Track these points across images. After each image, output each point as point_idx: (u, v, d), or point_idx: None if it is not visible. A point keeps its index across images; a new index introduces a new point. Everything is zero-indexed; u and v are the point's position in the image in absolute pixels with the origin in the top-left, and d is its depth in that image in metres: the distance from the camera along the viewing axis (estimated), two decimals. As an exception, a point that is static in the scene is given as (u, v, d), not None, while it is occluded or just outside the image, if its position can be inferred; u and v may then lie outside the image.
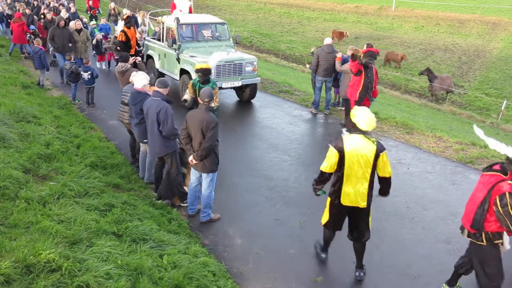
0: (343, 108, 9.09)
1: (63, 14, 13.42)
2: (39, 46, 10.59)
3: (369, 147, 3.98)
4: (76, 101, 10.03)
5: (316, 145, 8.20)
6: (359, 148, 3.99)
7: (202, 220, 5.41)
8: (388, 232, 5.26)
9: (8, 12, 15.65)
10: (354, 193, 4.10)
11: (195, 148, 5.10)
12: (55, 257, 3.32)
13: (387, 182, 4.15)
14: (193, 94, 6.99)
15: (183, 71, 9.65)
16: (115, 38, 11.93)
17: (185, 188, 5.81)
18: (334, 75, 9.43)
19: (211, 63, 8.88)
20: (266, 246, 4.95)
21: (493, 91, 17.18)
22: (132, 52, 10.33)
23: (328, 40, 9.39)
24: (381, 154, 3.99)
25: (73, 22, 11.69)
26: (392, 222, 5.48)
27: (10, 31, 13.92)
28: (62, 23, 11.10)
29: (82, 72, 9.66)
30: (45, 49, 12.13)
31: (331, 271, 4.59)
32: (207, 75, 6.80)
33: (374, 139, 4.05)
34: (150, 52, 11.25)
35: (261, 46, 23.97)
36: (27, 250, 3.33)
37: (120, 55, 8.18)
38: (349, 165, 4.03)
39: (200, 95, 5.06)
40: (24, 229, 3.84)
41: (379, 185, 4.20)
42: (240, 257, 4.77)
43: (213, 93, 6.62)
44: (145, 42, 11.49)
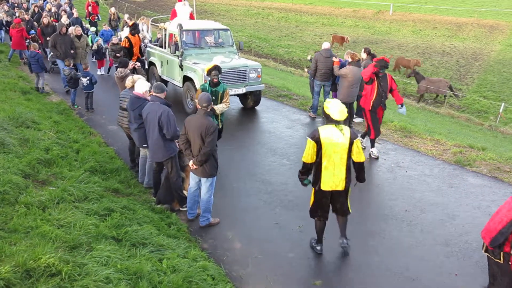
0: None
1: (64, 20, 13.42)
2: (36, 50, 10.57)
3: (343, 136, 4.38)
4: (76, 107, 10.05)
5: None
6: (334, 137, 4.37)
7: (202, 225, 5.42)
8: (387, 235, 5.28)
9: (7, 19, 15.67)
10: (333, 179, 4.47)
11: (195, 153, 5.12)
12: (55, 262, 3.33)
13: (362, 167, 4.57)
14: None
15: (186, 78, 9.51)
16: (113, 45, 12.00)
17: (184, 193, 5.83)
18: (333, 79, 9.49)
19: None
20: (265, 250, 4.97)
21: (491, 94, 17.25)
22: (134, 60, 10.26)
23: (326, 45, 9.43)
24: (355, 141, 4.41)
25: (73, 28, 11.61)
26: (391, 225, 5.50)
27: (9, 37, 13.96)
28: (64, 30, 10.97)
29: (81, 78, 9.70)
30: (45, 56, 12.18)
31: (330, 275, 4.61)
32: (219, 73, 6.63)
33: (347, 128, 4.45)
34: (152, 59, 11.10)
35: (260, 51, 24.05)
36: (27, 255, 3.34)
37: (120, 61, 8.25)
38: (327, 153, 4.40)
39: (198, 100, 5.06)
40: (24, 234, 3.86)
41: (355, 171, 4.59)
42: (239, 261, 4.78)
43: (225, 94, 6.66)
44: (147, 49, 11.36)
